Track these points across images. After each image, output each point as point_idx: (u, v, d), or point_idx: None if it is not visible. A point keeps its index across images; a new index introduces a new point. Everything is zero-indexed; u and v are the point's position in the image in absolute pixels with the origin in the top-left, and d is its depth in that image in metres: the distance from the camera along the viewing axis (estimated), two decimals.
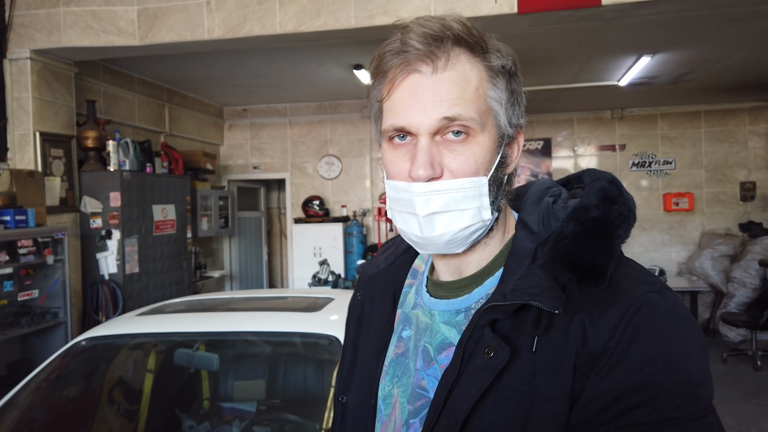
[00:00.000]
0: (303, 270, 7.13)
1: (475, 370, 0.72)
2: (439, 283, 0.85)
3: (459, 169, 0.74)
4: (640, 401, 0.65)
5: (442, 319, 0.81)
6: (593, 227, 0.73)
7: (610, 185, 0.78)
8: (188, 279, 5.83)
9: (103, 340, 2.55)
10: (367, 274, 0.98)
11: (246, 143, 8.02)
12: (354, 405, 0.92)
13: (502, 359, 0.70)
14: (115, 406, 2.69)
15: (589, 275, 0.70)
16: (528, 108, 3.47)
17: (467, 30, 0.75)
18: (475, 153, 0.74)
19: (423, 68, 0.73)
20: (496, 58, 0.76)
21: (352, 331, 0.97)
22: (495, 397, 0.70)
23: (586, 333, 0.69)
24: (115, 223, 4.75)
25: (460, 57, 0.74)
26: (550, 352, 0.70)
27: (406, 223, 0.78)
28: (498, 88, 0.76)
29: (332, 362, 2.31)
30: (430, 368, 0.80)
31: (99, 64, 5.34)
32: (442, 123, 0.73)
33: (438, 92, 0.73)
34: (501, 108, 0.77)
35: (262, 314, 2.67)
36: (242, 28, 4.03)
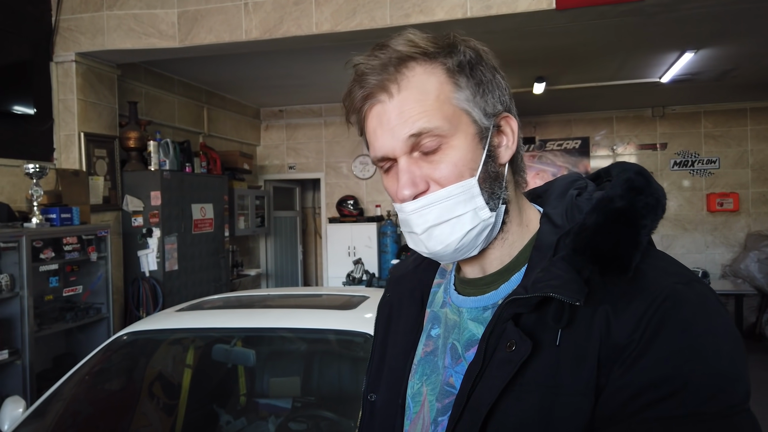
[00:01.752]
0: (337, 269, 7.17)
1: (497, 364, 0.71)
2: (466, 281, 0.85)
3: (443, 178, 0.74)
4: (665, 394, 0.63)
5: (470, 316, 0.81)
6: (617, 218, 0.72)
7: (637, 176, 0.76)
8: (225, 277, 5.93)
9: (143, 335, 2.61)
10: (396, 274, 1.00)
11: (282, 143, 8.10)
12: (382, 403, 0.92)
13: (524, 353, 0.69)
14: (155, 400, 2.75)
15: (612, 266, 0.69)
16: (565, 106, 3.46)
17: (412, 44, 0.76)
18: (453, 158, 0.74)
19: (382, 97, 0.75)
20: (452, 57, 0.76)
21: (380, 331, 0.98)
22: (519, 391, 0.70)
23: (610, 325, 0.67)
24: (155, 222, 4.86)
25: (414, 71, 0.75)
26: (574, 345, 0.69)
27: (413, 243, 0.80)
28: (461, 86, 0.76)
29: (367, 360, 2.31)
30: (458, 365, 0.80)
31: (140, 67, 5.47)
32: (412, 140, 0.74)
33: (400, 114, 0.74)
34: (470, 104, 0.76)
35: (298, 311, 2.69)
36: (279, 28, 4.07)
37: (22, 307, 3.47)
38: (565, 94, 6.75)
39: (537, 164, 8.34)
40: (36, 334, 3.57)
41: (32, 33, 4.19)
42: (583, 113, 8.05)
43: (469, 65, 0.76)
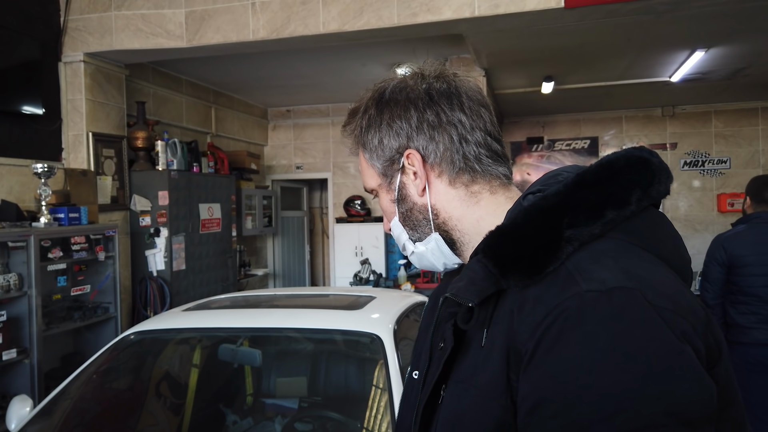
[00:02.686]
0: (344, 269, 7.16)
1: (434, 360, 0.79)
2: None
3: (386, 220, 0.94)
4: (556, 411, 0.59)
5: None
6: (533, 218, 0.70)
7: (599, 169, 0.72)
8: (233, 276, 5.93)
9: (150, 334, 2.61)
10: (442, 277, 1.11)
11: (289, 143, 8.11)
12: (414, 382, 1.01)
13: (446, 350, 0.74)
14: (162, 399, 2.75)
15: (513, 267, 0.68)
16: (574, 106, 3.43)
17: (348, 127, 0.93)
18: (382, 206, 0.92)
19: None
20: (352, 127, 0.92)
21: (426, 317, 1.03)
22: (453, 387, 0.74)
23: (513, 329, 0.66)
24: (163, 221, 4.87)
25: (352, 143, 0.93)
26: (490, 345, 0.70)
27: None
28: (362, 149, 0.90)
29: (373, 360, 2.30)
30: None
31: (148, 67, 5.49)
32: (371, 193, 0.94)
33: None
34: (373, 161, 0.89)
35: (305, 311, 2.68)
36: (286, 28, 4.06)
37: (31, 306, 3.48)
38: (573, 94, 6.71)
39: (545, 164, 8.26)
40: (44, 333, 3.58)
41: (41, 33, 4.21)
42: (592, 113, 8.00)
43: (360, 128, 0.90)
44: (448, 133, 0.83)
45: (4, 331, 3.33)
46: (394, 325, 2.38)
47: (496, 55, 5.09)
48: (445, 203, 0.85)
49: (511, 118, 8.45)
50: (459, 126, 0.83)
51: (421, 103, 0.84)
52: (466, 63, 5.48)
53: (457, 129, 0.83)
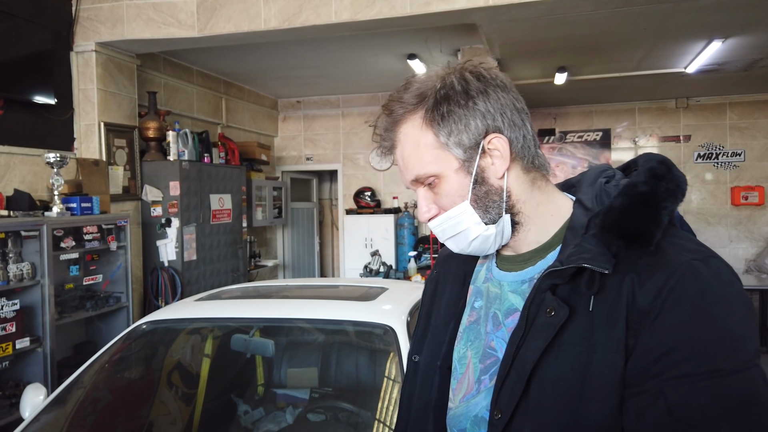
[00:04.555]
0: (354, 261, 7.15)
1: (538, 328, 0.83)
2: (506, 258, 0.98)
3: (443, 205, 0.91)
4: (687, 355, 0.73)
5: (510, 288, 0.94)
6: (639, 200, 0.83)
7: (659, 165, 0.87)
8: (243, 267, 5.94)
9: (162, 324, 2.61)
10: (444, 254, 1.14)
11: (299, 134, 8.09)
12: (424, 364, 1.07)
13: (562, 316, 0.81)
14: (174, 388, 2.75)
15: (636, 241, 0.80)
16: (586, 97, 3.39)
17: (400, 103, 0.92)
18: (445, 190, 0.90)
19: (392, 148, 0.94)
20: (424, 105, 0.90)
21: (426, 302, 1.13)
22: (557, 351, 0.81)
23: (635, 293, 0.78)
24: (174, 212, 4.88)
25: (404, 127, 0.92)
26: (606, 309, 0.79)
27: (445, 244, 0.98)
28: (435, 132, 0.89)
29: (386, 352, 2.29)
30: (498, 331, 0.93)
31: (160, 57, 5.48)
32: (414, 183, 0.93)
33: (403, 162, 0.93)
34: (448, 143, 0.89)
35: (317, 302, 2.67)
36: (298, 17, 4.03)
37: (43, 295, 3.50)
38: (586, 85, 6.63)
39: (557, 156, 8.22)
40: (57, 322, 3.60)
41: (53, 22, 4.20)
42: (605, 104, 7.92)
43: (438, 109, 0.89)
44: (526, 120, 0.92)
45: (18, 320, 3.35)
46: (407, 317, 2.37)
47: (510, 45, 5.03)
48: (516, 187, 0.91)
49: None
50: (528, 115, 0.93)
51: (501, 90, 0.90)
52: (479, 53, 5.43)
53: (528, 117, 0.93)
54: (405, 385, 1.10)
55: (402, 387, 1.11)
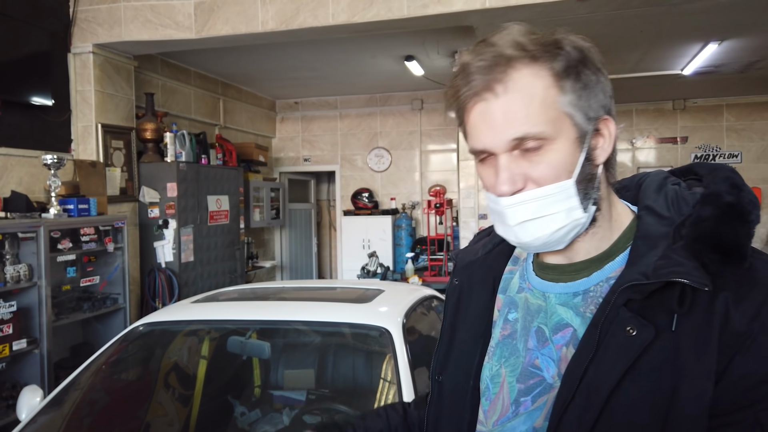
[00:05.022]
0: (352, 262, 7.16)
1: (615, 348, 0.73)
2: (551, 267, 0.87)
3: (541, 178, 0.76)
4: None
5: (558, 300, 0.83)
6: (730, 211, 0.75)
7: (734, 174, 0.80)
8: (241, 268, 5.95)
9: (159, 325, 2.61)
10: (464, 260, 1.02)
11: (297, 136, 8.10)
12: (451, 384, 0.96)
13: (646, 337, 0.71)
14: (171, 390, 2.76)
15: (733, 255, 0.72)
16: None
17: (519, 46, 0.77)
18: (552, 160, 0.76)
19: (487, 96, 0.77)
20: (559, 59, 0.77)
21: (449, 315, 1.01)
22: (634, 375, 0.72)
23: (729, 312, 0.70)
24: (171, 213, 4.88)
25: (521, 74, 0.76)
26: (693, 329, 0.71)
27: (503, 231, 0.83)
28: (566, 90, 0.77)
29: (381, 354, 2.29)
30: (544, 348, 0.83)
31: (157, 58, 5.48)
32: (515, 143, 0.76)
33: (504, 114, 0.76)
34: (574, 108, 0.77)
35: (313, 304, 2.67)
36: (295, 19, 4.04)
37: (40, 296, 3.50)
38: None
39: None
40: (53, 324, 3.60)
41: (50, 24, 4.21)
42: None
43: (574, 68, 0.77)
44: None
45: (15, 322, 3.35)
46: (402, 319, 2.37)
47: None
48: (604, 180, 0.83)
49: None
50: None
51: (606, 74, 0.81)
52: None
53: None
54: (430, 408, 1.00)
55: (426, 411, 1.01)
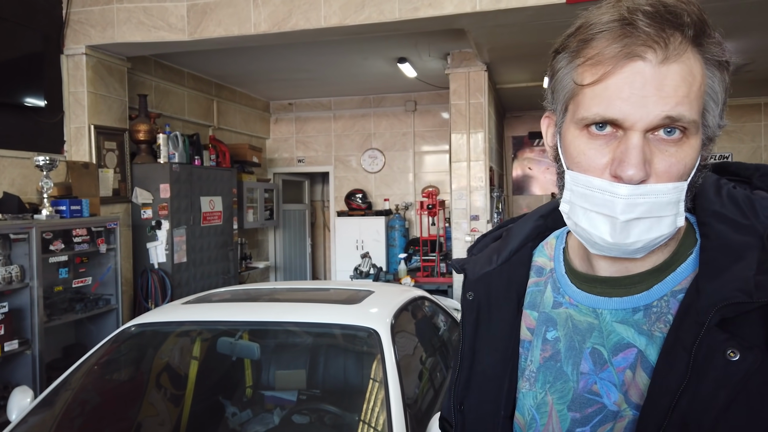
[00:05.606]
0: (345, 262, 7.18)
1: (715, 375, 0.64)
2: (601, 279, 0.77)
3: (667, 173, 0.66)
4: None
5: (615, 318, 0.74)
6: None
7: None
8: (234, 269, 5.96)
9: (150, 326, 2.64)
10: (476, 272, 0.89)
11: (291, 137, 8.12)
12: (477, 414, 0.86)
13: (753, 360, 0.62)
14: (162, 390, 2.78)
15: None
16: None
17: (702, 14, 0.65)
18: (686, 156, 0.66)
19: (649, 55, 0.63)
20: (718, 47, 0.66)
21: (468, 336, 0.88)
22: (735, 402, 0.64)
23: None
24: (164, 214, 4.90)
25: (691, 52, 0.65)
26: None
27: (594, 224, 0.69)
28: (715, 84, 0.67)
29: (371, 354, 2.32)
30: (603, 371, 0.74)
31: (150, 60, 5.50)
32: (664, 122, 0.64)
33: (663, 86, 0.63)
34: (716, 107, 0.68)
35: (303, 305, 2.70)
36: (288, 22, 4.07)
37: (32, 297, 3.51)
38: None
39: (546, 159, 8.28)
40: (45, 325, 3.62)
41: (43, 25, 4.22)
42: None
43: (727, 66, 0.68)
44: None
45: (6, 323, 3.36)
46: (391, 320, 2.40)
47: (498, 49, 5.08)
48: None
49: (513, 112, 8.44)
50: None
51: None
52: (468, 57, 5.48)
53: None
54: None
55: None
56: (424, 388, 2.51)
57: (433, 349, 2.95)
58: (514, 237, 0.90)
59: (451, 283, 5.72)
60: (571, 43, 0.69)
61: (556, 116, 0.74)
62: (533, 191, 8.49)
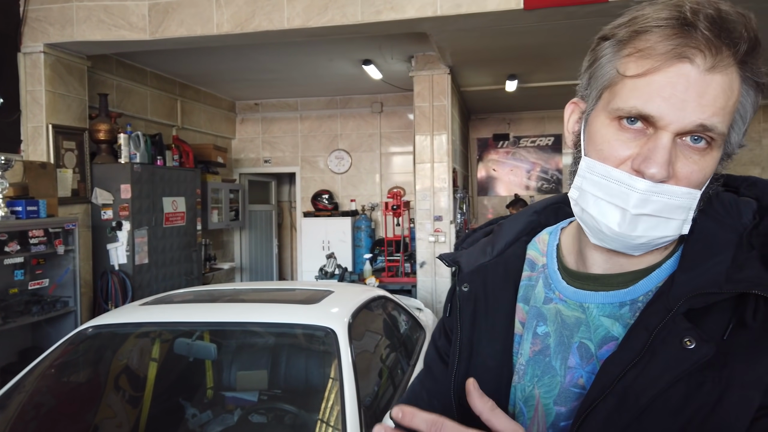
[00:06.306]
0: (312, 263, 7.19)
1: (666, 358, 0.67)
2: (591, 277, 0.79)
3: (687, 178, 0.67)
4: None
5: (602, 312, 0.76)
6: None
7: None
8: (198, 270, 5.92)
9: (108, 328, 2.62)
10: (472, 264, 0.90)
11: (257, 137, 8.08)
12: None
13: (705, 353, 0.66)
14: (120, 392, 2.76)
15: None
16: (539, 104, 3.53)
17: (757, 33, 0.65)
18: (707, 166, 0.68)
19: (698, 60, 0.64)
20: (758, 69, 0.67)
21: (466, 328, 0.88)
22: (678, 383, 0.67)
23: None
24: (125, 215, 4.84)
25: (735, 60, 0.65)
26: (748, 340, 0.66)
27: (604, 213, 0.70)
28: (747, 103, 0.69)
29: (328, 354, 2.35)
30: (589, 365, 0.75)
31: (112, 58, 5.42)
32: (697, 129, 0.65)
33: (704, 94, 0.64)
34: (742, 126, 0.70)
35: (262, 305, 2.72)
36: (251, 23, 4.07)
37: None
38: (537, 92, 6.83)
39: (511, 160, 8.44)
40: (0, 328, 3.54)
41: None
42: (557, 110, 8.15)
43: (763, 87, 0.68)
44: None
45: None
46: (349, 319, 2.44)
47: (460, 53, 5.17)
48: None
49: (478, 114, 8.56)
50: None
51: None
52: (432, 60, 5.55)
53: None
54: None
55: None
56: (382, 387, 2.56)
57: (392, 348, 2.99)
58: (508, 231, 0.91)
59: (415, 282, 5.78)
60: (620, 32, 0.68)
61: (587, 103, 0.74)
62: (498, 192, 8.63)
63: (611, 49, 0.70)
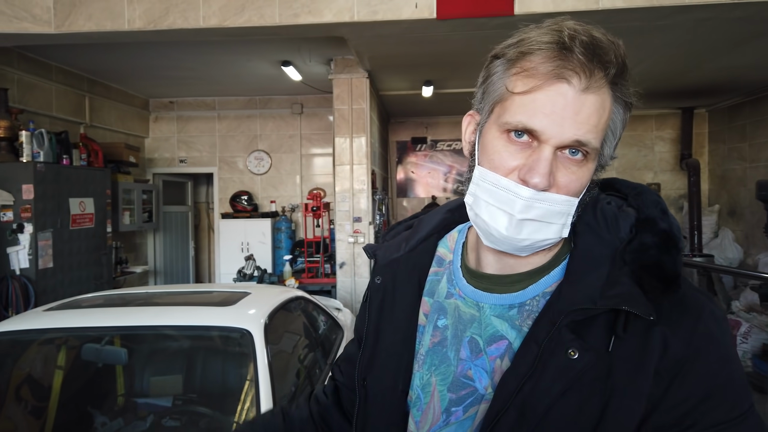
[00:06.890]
0: (230, 265, 7.07)
1: (555, 369, 0.73)
2: (486, 276, 0.85)
3: (566, 187, 0.74)
4: (721, 401, 0.70)
5: (493, 312, 0.82)
6: (667, 239, 0.76)
7: (660, 199, 0.82)
8: (108, 274, 5.68)
9: (7, 335, 2.50)
10: (386, 257, 0.97)
11: (173, 136, 7.85)
12: (378, 389, 0.92)
13: (588, 362, 0.71)
14: (22, 403, 2.64)
15: (672, 284, 0.73)
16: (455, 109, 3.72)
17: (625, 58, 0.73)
18: (583, 176, 0.75)
19: (574, 81, 0.71)
20: (627, 89, 0.75)
21: (374, 316, 0.95)
22: (568, 392, 0.72)
23: (667, 339, 0.71)
24: (27, 217, 4.58)
25: (606, 82, 0.73)
26: (627, 352, 0.71)
27: (494, 217, 0.76)
28: (618, 120, 0.76)
29: (244, 355, 2.37)
30: (478, 359, 0.82)
31: (13, 51, 5.11)
32: (573, 144, 0.72)
33: (579, 112, 0.71)
34: (613, 140, 0.77)
35: (176, 308, 2.68)
36: (164, 20, 3.98)
37: None
38: (453, 98, 7.07)
39: (428, 163, 8.67)
40: None
41: None
42: None
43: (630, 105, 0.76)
44: None
45: None
46: (265, 320, 2.46)
47: (378, 58, 5.28)
48: None
49: (397, 118, 8.74)
50: None
51: None
52: (350, 64, 5.63)
53: None
54: (358, 413, 0.94)
55: (355, 417, 0.95)
56: (300, 387, 2.59)
57: (310, 348, 3.03)
58: (423, 227, 0.98)
59: (335, 283, 5.84)
60: (509, 52, 0.76)
61: (481, 115, 0.81)
62: (417, 193, 8.83)
63: (502, 67, 0.77)
